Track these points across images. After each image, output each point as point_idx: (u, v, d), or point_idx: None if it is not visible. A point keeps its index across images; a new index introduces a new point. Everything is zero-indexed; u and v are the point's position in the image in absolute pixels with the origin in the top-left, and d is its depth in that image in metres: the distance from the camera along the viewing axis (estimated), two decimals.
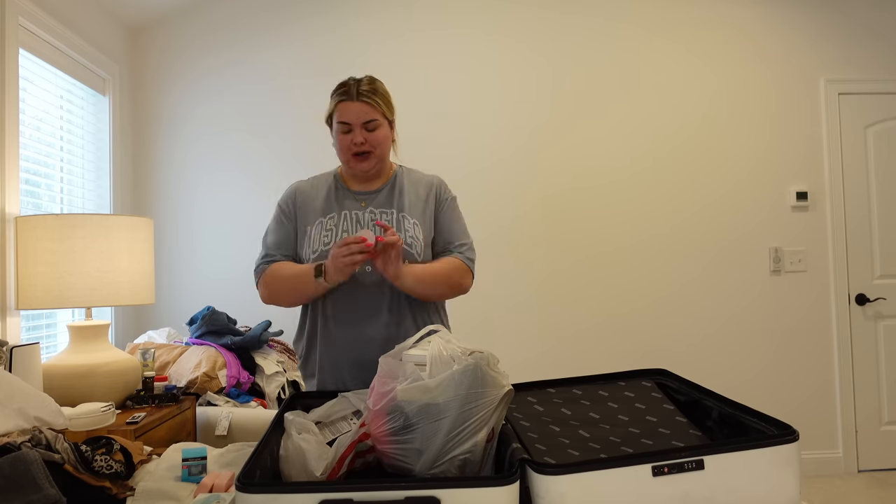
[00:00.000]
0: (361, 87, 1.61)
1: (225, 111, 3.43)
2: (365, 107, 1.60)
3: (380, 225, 1.52)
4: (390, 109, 1.66)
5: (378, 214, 1.66)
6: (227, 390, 2.59)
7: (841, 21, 3.65)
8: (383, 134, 1.64)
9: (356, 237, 1.47)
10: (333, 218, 1.65)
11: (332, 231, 1.64)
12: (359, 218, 1.66)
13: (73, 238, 2.13)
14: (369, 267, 1.61)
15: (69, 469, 1.19)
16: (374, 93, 1.62)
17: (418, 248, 1.64)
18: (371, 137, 1.62)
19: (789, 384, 3.55)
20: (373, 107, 1.61)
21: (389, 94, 1.67)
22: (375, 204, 1.68)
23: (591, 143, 3.52)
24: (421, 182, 1.74)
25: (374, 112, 1.61)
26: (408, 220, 1.66)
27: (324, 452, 1.18)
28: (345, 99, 1.61)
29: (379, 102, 1.62)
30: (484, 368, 1.08)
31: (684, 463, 0.94)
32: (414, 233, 1.64)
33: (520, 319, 3.46)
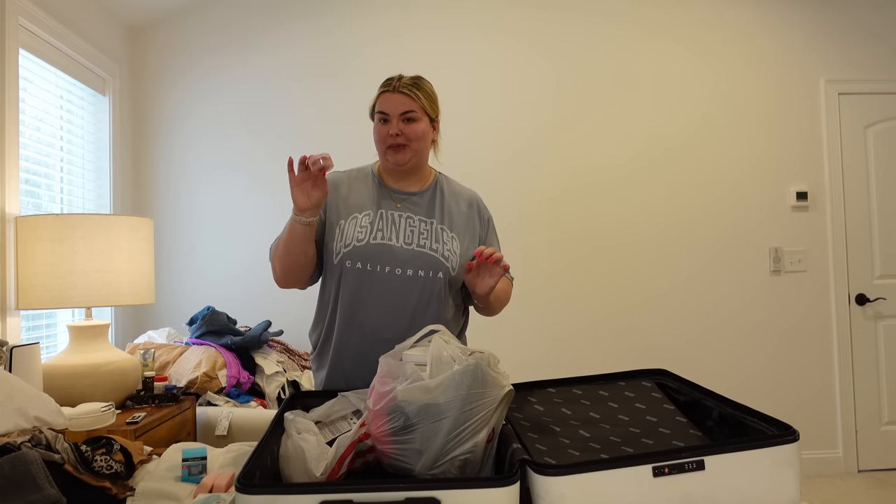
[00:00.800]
0: (404, 80, 1.60)
1: (225, 111, 3.43)
2: (404, 98, 1.58)
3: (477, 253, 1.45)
4: (433, 107, 1.63)
5: (416, 221, 1.62)
6: (227, 390, 2.59)
7: (841, 21, 3.65)
8: (421, 128, 1.60)
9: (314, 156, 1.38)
10: (369, 215, 1.61)
11: (367, 228, 1.59)
12: (394, 219, 1.61)
13: (73, 238, 2.13)
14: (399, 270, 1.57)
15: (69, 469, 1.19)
16: (417, 87, 1.60)
17: (454, 262, 1.60)
18: (408, 129, 1.59)
19: (789, 384, 3.55)
20: (412, 99, 1.59)
21: (435, 94, 1.65)
22: (414, 209, 1.64)
23: (591, 144, 3.52)
24: (462, 195, 1.71)
25: (413, 104, 1.59)
26: (447, 232, 1.62)
27: (323, 452, 1.18)
28: (387, 90, 1.60)
29: (419, 96, 1.59)
30: (484, 368, 1.08)
31: (685, 463, 0.94)
32: (452, 246, 1.61)
33: (520, 319, 3.46)
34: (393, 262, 1.56)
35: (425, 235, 1.60)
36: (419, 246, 1.58)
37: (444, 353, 1.11)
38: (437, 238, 1.60)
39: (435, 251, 1.58)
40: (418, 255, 1.57)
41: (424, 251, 1.58)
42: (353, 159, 3.38)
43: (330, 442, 1.34)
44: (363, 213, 1.61)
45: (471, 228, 1.66)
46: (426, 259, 1.57)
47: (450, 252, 1.59)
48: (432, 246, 1.59)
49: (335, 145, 3.42)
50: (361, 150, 3.41)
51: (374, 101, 1.63)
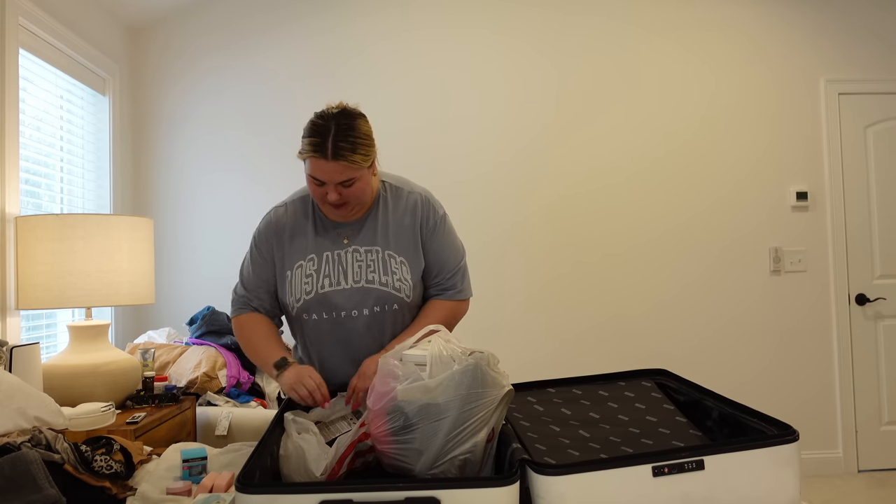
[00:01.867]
0: (338, 142, 1.38)
1: (225, 111, 3.43)
2: (339, 167, 1.39)
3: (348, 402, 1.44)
4: (370, 156, 1.44)
5: (363, 253, 1.53)
6: (227, 390, 2.59)
7: (841, 21, 3.65)
8: (362, 185, 1.45)
9: (321, 394, 1.41)
10: (313, 261, 1.53)
11: (313, 277, 1.52)
12: (340, 258, 1.53)
13: (73, 238, 2.13)
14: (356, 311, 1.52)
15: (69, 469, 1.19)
16: (354, 148, 1.39)
17: (406, 290, 1.54)
18: (348, 192, 1.44)
19: (789, 384, 3.55)
20: (349, 166, 1.39)
21: (369, 133, 1.45)
22: (358, 240, 1.54)
23: (592, 145, 3.52)
24: (406, 206, 1.57)
25: (352, 171, 1.41)
26: (395, 258, 1.54)
27: (324, 452, 1.18)
28: (317, 156, 1.39)
29: (356, 160, 1.39)
30: (484, 368, 1.08)
31: (684, 463, 0.94)
32: (401, 274, 1.53)
33: (523, 322, 3.46)
34: (346, 304, 1.52)
35: (372, 268, 1.52)
36: (368, 282, 1.52)
37: (444, 353, 1.11)
38: (385, 269, 1.53)
39: (385, 285, 1.52)
40: (369, 292, 1.52)
41: (374, 287, 1.51)
42: None
43: (330, 442, 1.34)
44: (307, 259, 1.54)
45: (414, 243, 1.56)
46: (378, 294, 1.52)
47: (400, 281, 1.53)
48: (381, 280, 1.52)
49: None
50: None
51: (302, 154, 1.43)
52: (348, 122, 1.42)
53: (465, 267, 1.65)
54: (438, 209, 1.61)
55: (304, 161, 1.44)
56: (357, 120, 1.44)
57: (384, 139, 3.45)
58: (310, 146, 1.40)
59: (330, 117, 1.42)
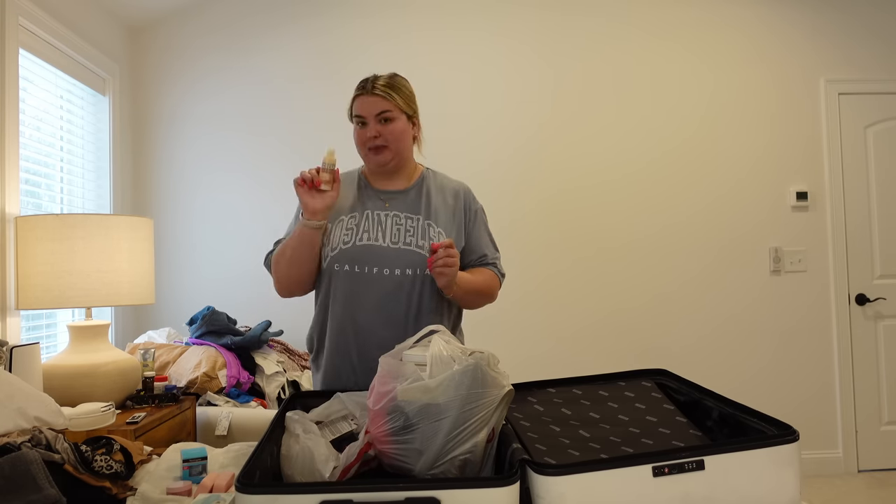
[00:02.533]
0: (377, 82, 1.59)
1: (225, 111, 3.43)
2: (378, 99, 1.57)
3: (435, 247, 1.47)
4: (409, 104, 1.62)
5: (403, 218, 1.62)
6: (227, 390, 2.59)
7: (841, 21, 3.65)
8: (399, 127, 1.60)
9: (313, 170, 1.50)
10: (355, 217, 1.62)
11: (353, 230, 1.60)
12: (380, 219, 1.62)
13: (73, 238, 2.13)
14: (387, 270, 1.57)
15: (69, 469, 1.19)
16: (390, 87, 1.59)
17: None
18: (385, 130, 1.59)
19: (789, 384, 3.55)
20: (386, 99, 1.58)
21: (411, 89, 1.64)
22: (401, 207, 1.64)
23: (591, 144, 3.52)
24: (448, 188, 1.70)
25: (388, 104, 1.58)
26: (433, 227, 1.62)
27: (332, 453, 1.18)
28: (360, 93, 1.60)
29: (393, 95, 1.58)
30: (484, 368, 1.08)
31: (684, 463, 0.94)
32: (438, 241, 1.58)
33: (520, 319, 3.46)
34: (380, 261, 1.57)
35: (411, 233, 1.60)
36: (405, 244, 1.58)
37: (444, 353, 1.11)
38: (423, 235, 1.60)
39: (421, 248, 1.58)
40: (405, 252, 1.57)
41: (411, 249, 1.58)
42: (353, 160, 3.37)
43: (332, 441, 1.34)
44: (349, 216, 1.62)
45: (456, 220, 1.67)
46: (413, 257, 1.57)
47: None
48: (418, 243, 1.59)
49: (335, 145, 3.42)
50: None
51: (350, 104, 1.63)
52: (392, 75, 1.64)
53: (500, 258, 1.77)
54: (478, 201, 1.75)
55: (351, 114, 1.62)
56: (400, 77, 1.64)
57: None
58: (357, 89, 1.61)
59: (378, 76, 1.62)
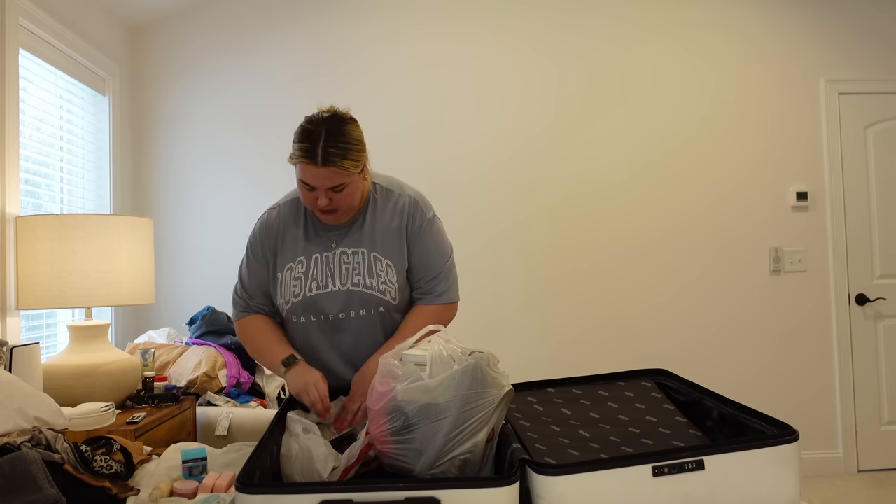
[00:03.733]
0: (328, 148, 1.37)
1: (225, 111, 3.43)
2: (330, 173, 1.39)
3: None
4: (360, 159, 1.43)
5: (350, 255, 1.53)
6: (227, 390, 2.59)
7: (841, 21, 3.65)
8: (352, 190, 1.45)
9: (322, 407, 1.41)
10: (302, 263, 1.54)
11: (301, 279, 1.53)
12: (329, 262, 1.53)
13: (73, 238, 2.13)
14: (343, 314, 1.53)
15: (69, 469, 1.19)
16: (341, 152, 1.38)
17: (392, 293, 1.53)
18: (338, 198, 1.44)
19: (789, 384, 3.55)
20: (339, 172, 1.39)
21: (361, 139, 1.45)
22: (346, 242, 1.54)
23: (592, 145, 3.52)
24: (395, 209, 1.57)
25: (342, 177, 1.40)
26: (380, 261, 1.53)
27: (331, 453, 1.18)
28: (308, 161, 1.39)
29: (346, 165, 1.39)
30: (484, 368, 1.08)
31: (684, 463, 0.94)
32: (387, 277, 1.53)
33: (522, 323, 3.46)
34: (333, 307, 1.53)
35: (358, 271, 1.53)
36: (353, 285, 1.52)
37: (443, 353, 1.11)
38: (370, 272, 1.53)
39: (370, 287, 1.52)
40: (354, 294, 1.52)
41: (359, 289, 1.52)
42: None
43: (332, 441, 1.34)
44: (297, 262, 1.54)
45: (400, 247, 1.56)
46: (362, 297, 1.52)
47: (385, 284, 1.53)
48: (366, 282, 1.52)
49: None
50: None
51: (292, 159, 1.43)
52: (339, 126, 1.41)
53: (449, 269, 1.62)
54: (427, 211, 1.59)
55: (295, 166, 1.43)
56: (348, 125, 1.43)
57: (384, 139, 3.45)
58: (300, 151, 1.40)
59: (320, 122, 1.41)
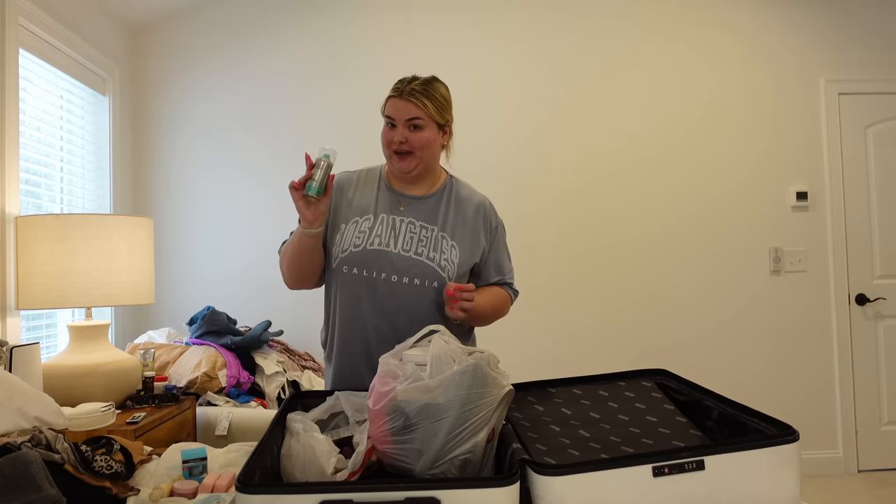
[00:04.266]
0: (412, 86, 1.56)
1: (225, 111, 3.43)
2: (410, 105, 1.55)
3: (450, 292, 1.48)
4: (442, 113, 1.58)
5: (418, 227, 1.59)
6: (227, 390, 2.59)
7: (841, 21, 3.65)
8: (428, 137, 1.57)
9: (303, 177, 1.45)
10: (369, 220, 1.59)
11: (366, 233, 1.58)
12: (394, 224, 1.59)
13: (73, 238, 2.13)
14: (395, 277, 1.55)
15: (69, 469, 1.19)
16: (425, 93, 1.55)
17: (451, 271, 1.57)
18: (413, 137, 1.56)
19: (789, 384, 3.55)
20: (418, 107, 1.55)
21: (448, 97, 1.61)
22: (418, 214, 1.61)
23: (591, 144, 3.52)
24: (470, 201, 1.67)
25: (419, 111, 1.55)
26: (447, 240, 1.59)
27: (333, 449, 1.19)
28: (394, 95, 1.57)
29: (426, 103, 1.55)
30: (484, 368, 1.08)
31: (684, 463, 0.94)
32: (450, 255, 1.58)
33: (521, 319, 3.46)
34: (389, 268, 1.55)
35: (424, 243, 1.58)
36: (416, 254, 1.56)
37: (444, 353, 1.11)
38: (435, 246, 1.58)
39: (431, 260, 1.56)
40: (415, 263, 1.55)
41: (421, 259, 1.56)
42: (353, 160, 3.38)
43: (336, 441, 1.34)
44: (364, 217, 1.60)
45: (474, 237, 1.63)
46: (422, 268, 1.55)
47: (447, 262, 1.57)
48: (429, 255, 1.56)
49: (335, 146, 3.42)
50: (361, 150, 3.41)
51: (384, 101, 1.60)
52: (430, 79, 1.60)
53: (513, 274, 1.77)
54: (499, 217, 1.73)
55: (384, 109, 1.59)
56: (437, 82, 1.60)
57: None
58: (391, 90, 1.58)
59: (417, 77, 1.60)
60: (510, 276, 1.73)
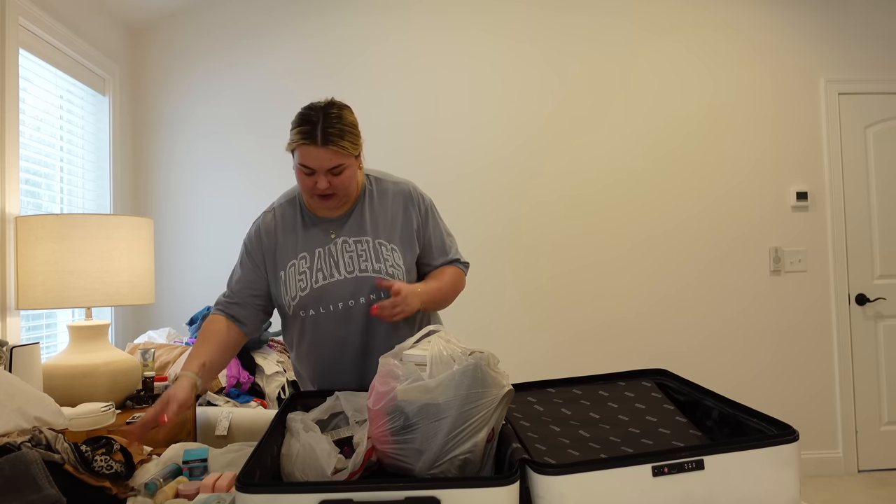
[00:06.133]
0: (327, 129, 1.41)
1: (225, 111, 3.43)
2: (329, 154, 1.42)
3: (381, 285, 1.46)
4: (357, 145, 1.49)
5: (352, 243, 1.54)
6: (227, 390, 2.59)
7: (841, 21, 3.65)
8: (350, 174, 1.48)
9: (142, 421, 1.32)
10: (305, 258, 1.54)
11: (306, 273, 1.53)
12: (331, 252, 1.54)
13: (73, 238, 2.13)
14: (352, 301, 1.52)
15: (69, 469, 1.19)
16: (342, 135, 1.43)
17: (400, 276, 1.55)
18: (337, 181, 1.46)
19: (789, 384, 3.55)
20: (338, 153, 1.43)
21: (357, 124, 1.49)
22: (346, 232, 1.55)
23: (591, 144, 3.52)
24: (391, 194, 1.61)
25: (341, 157, 1.44)
26: (385, 246, 1.55)
27: (333, 449, 1.19)
28: (307, 143, 1.42)
29: (345, 146, 1.43)
30: (484, 368, 1.08)
31: (684, 463, 0.94)
32: (394, 260, 1.55)
33: (521, 320, 3.46)
34: (343, 295, 1.53)
35: (364, 257, 1.54)
36: (361, 271, 1.52)
37: (444, 352, 1.11)
38: (377, 256, 1.54)
39: (378, 272, 1.53)
40: (363, 280, 1.52)
41: (368, 275, 1.52)
42: None
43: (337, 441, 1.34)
44: (299, 257, 1.55)
45: (408, 231, 1.60)
46: (373, 282, 1.53)
47: (393, 267, 1.54)
48: (374, 267, 1.53)
49: None
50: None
51: (291, 146, 1.46)
52: (336, 111, 1.46)
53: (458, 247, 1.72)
54: (425, 197, 1.66)
55: (293, 153, 1.47)
56: (343, 110, 1.48)
57: (384, 138, 3.45)
58: (299, 134, 1.43)
59: (318, 108, 1.46)
60: (454, 251, 1.68)
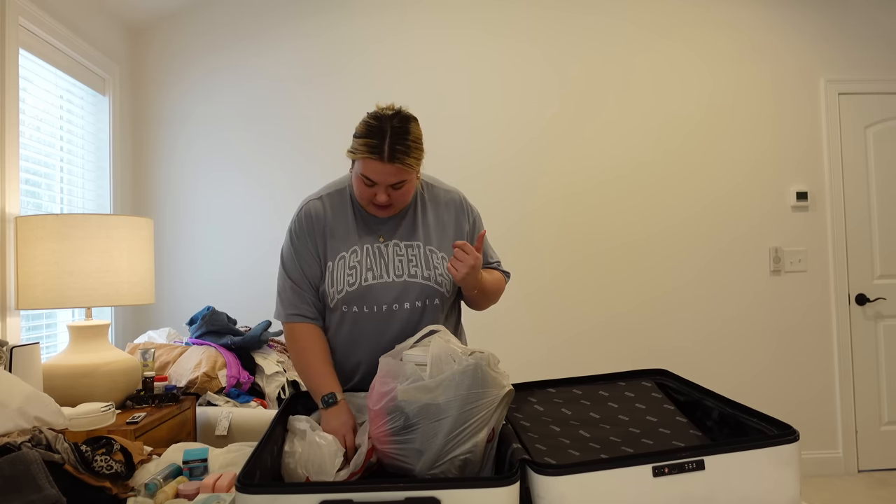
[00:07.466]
0: (395, 146, 1.38)
1: (225, 111, 3.43)
2: (395, 170, 1.39)
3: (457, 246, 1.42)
4: (421, 159, 1.45)
5: (403, 248, 1.53)
6: (227, 390, 2.59)
7: (841, 21, 3.65)
8: (410, 188, 1.46)
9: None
10: (356, 253, 1.51)
11: (356, 269, 1.50)
12: (381, 251, 1.52)
13: (73, 238, 2.13)
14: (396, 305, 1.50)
15: (69, 469, 1.19)
16: (408, 151, 1.39)
17: (448, 285, 1.53)
18: (397, 195, 1.45)
19: (789, 384, 3.55)
20: (404, 170, 1.40)
21: (421, 138, 1.46)
22: (398, 235, 1.54)
23: (591, 144, 3.52)
24: (443, 202, 1.60)
25: (405, 174, 1.42)
26: (435, 254, 1.54)
27: (339, 448, 1.19)
28: (373, 157, 1.39)
29: (412, 163, 1.40)
30: (484, 369, 1.08)
31: (684, 463, 0.94)
32: (443, 269, 1.53)
33: (522, 320, 3.46)
34: (388, 298, 1.50)
35: (414, 262, 1.52)
36: (411, 276, 1.51)
37: (444, 353, 1.11)
38: (427, 264, 1.52)
39: (428, 279, 1.51)
40: (411, 286, 1.50)
41: (417, 281, 1.51)
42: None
43: None
44: (350, 251, 1.52)
45: (455, 236, 1.59)
46: (420, 288, 1.51)
47: (442, 276, 1.53)
48: (424, 274, 1.52)
49: (335, 146, 3.42)
50: None
51: (355, 154, 1.42)
52: (403, 125, 1.42)
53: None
54: (473, 207, 1.67)
55: (354, 161, 1.45)
56: (411, 123, 1.44)
57: None
58: (366, 147, 1.39)
59: (385, 119, 1.41)
60: (497, 260, 1.71)
